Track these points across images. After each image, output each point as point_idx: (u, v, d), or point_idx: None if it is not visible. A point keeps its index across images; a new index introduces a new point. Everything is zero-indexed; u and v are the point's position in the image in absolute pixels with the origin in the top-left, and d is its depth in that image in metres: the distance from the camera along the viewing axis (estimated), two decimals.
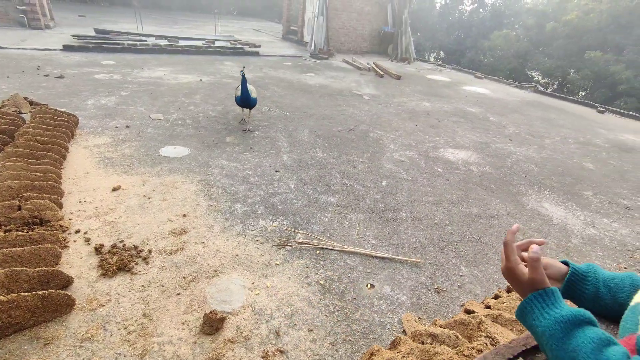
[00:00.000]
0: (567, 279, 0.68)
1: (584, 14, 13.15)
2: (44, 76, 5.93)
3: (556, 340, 0.53)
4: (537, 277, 0.59)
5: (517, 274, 0.61)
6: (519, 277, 0.61)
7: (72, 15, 14.14)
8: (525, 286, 0.60)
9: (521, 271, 0.61)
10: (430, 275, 2.43)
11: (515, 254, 0.64)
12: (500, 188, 3.86)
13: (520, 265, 0.62)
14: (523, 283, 0.61)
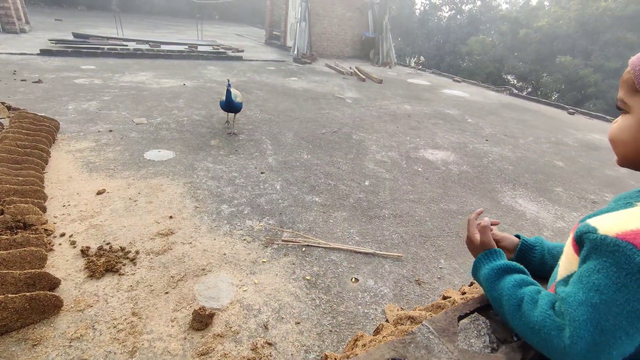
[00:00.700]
0: (518, 248, 0.80)
1: (554, 21, 13.81)
2: (21, 81, 5.80)
3: (491, 282, 0.66)
4: (485, 239, 0.74)
5: (474, 241, 0.77)
6: (475, 243, 0.76)
7: (48, 19, 13.81)
8: (479, 249, 0.75)
9: (476, 238, 0.77)
10: (411, 269, 2.54)
11: (474, 227, 0.80)
12: (477, 186, 4.05)
13: (476, 234, 0.78)
14: (477, 247, 0.76)
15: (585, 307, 0.52)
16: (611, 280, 0.51)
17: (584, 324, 0.51)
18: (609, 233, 0.52)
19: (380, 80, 9.53)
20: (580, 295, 0.53)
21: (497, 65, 16.21)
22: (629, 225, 0.52)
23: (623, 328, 0.50)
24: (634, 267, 0.49)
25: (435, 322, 0.62)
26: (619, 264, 0.50)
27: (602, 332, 0.50)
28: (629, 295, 0.49)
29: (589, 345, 0.51)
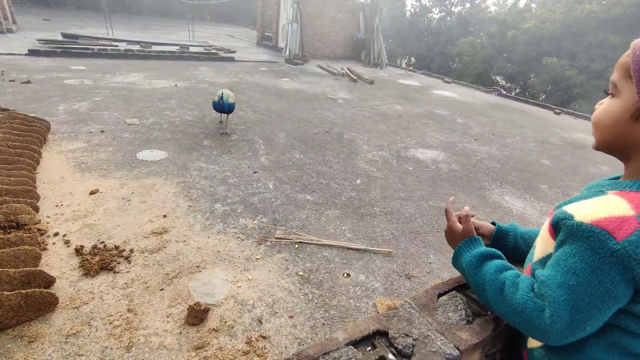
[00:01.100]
0: (493, 235, 0.87)
1: (540, 23, 14.10)
2: (9, 81, 5.74)
3: (473, 268, 0.70)
4: (467, 227, 0.77)
5: (454, 229, 0.80)
6: (455, 232, 0.79)
7: (35, 19, 13.62)
8: (459, 238, 0.78)
9: (457, 227, 0.80)
10: (401, 264, 2.61)
11: (454, 215, 0.83)
12: (466, 184, 4.14)
13: (457, 223, 0.81)
14: (458, 236, 0.78)
15: (563, 288, 0.56)
16: (586, 263, 0.55)
17: (562, 304, 0.56)
18: (585, 220, 0.56)
19: (371, 81, 9.63)
20: (558, 277, 0.57)
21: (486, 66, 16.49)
22: (602, 213, 0.55)
23: (597, 306, 0.55)
24: (607, 252, 0.53)
25: (417, 299, 0.68)
26: (593, 249, 0.54)
27: (578, 311, 0.55)
28: (602, 277, 0.54)
29: (568, 323, 0.56)
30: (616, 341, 0.59)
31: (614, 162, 5.66)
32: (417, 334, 0.59)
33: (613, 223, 0.54)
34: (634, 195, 0.56)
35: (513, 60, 15.31)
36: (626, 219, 0.53)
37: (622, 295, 0.54)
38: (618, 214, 0.54)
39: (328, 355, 0.53)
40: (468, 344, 0.59)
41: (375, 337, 0.59)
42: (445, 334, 0.60)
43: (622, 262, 0.52)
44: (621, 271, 0.53)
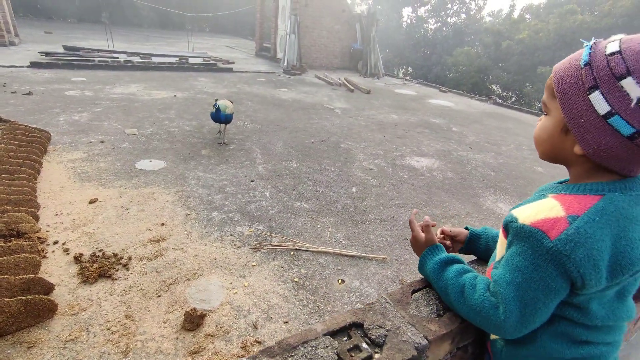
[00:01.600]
0: (467, 239, 0.93)
1: (534, 33, 14.37)
2: (11, 93, 5.84)
3: (436, 274, 0.76)
4: (429, 236, 0.84)
5: (418, 239, 0.86)
6: (419, 241, 0.85)
7: (37, 32, 13.83)
8: (423, 246, 0.85)
9: (421, 236, 0.86)
10: (395, 270, 2.66)
11: (417, 226, 0.89)
12: (460, 191, 4.21)
13: (420, 233, 0.87)
14: (422, 245, 0.85)
15: (511, 286, 0.62)
16: (528, 261, 0.61)
17: (512, 300, 0.62)
18: (526, 222, 0.62)
19: (368, 91, 9.77)
20: (507, 276, 0.63)
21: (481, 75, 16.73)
22: (540, 215, 0.61)
23: (541, 300, 0.60)
24: (543, 250, 0.58)
25: (392, 295, 0.73)
26: (533, 248, 0.60)
27: (526, 305, 0.61)
28: (542, 273, 0.59)
29: (519, 317, 0.61)
30: (563, 330, 0.65)
31: None
32: (390, 325, 0.65)
33: (547, 224, 0.59)
34: (567, 198, 0.62)
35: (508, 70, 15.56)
36: (558, 220, 0.59)
37: (561, 288, 0.60)
38: (552, 216, 0.60)
39: (307, 344, 0.59)
40: (436, 335, 0.64)
41: (352, 328, 0.64)
42: (416, 325, 0.66)
43: (555, 258, 0.57)
44: (556, 267, 0.58)
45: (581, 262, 0.56)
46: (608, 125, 0.55)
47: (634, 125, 0.53)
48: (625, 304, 0.66)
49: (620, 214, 0.57)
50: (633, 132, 0.53)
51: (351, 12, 13.67)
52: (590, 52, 0.58)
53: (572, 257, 0.56)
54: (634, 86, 0.52)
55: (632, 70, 0.52)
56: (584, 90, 0.57)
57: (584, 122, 0.58)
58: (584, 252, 0.56)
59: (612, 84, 0.54)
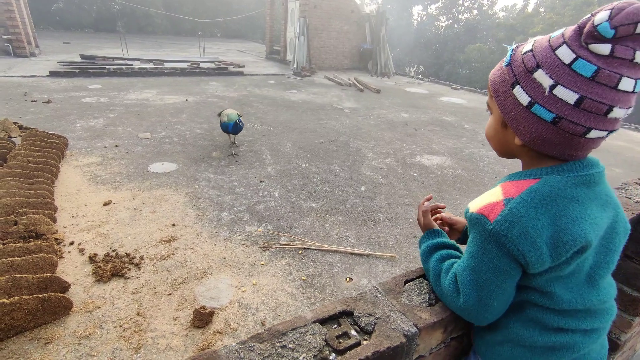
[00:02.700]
0: (464, 229, 0.92)
1: (548, 27, 14.02)
2: (31, 102, 6.07)
3: (424, 257, 0.80)
4: (426, 221, 0.88)
5: (421, 222, 0.90)
6: (421, 224, 0.89)
7: (56, 43, 14.34)
8: (423, 229, 0.89)
9: (420, 220, 0.90)
10: (404, 268, 2.64)
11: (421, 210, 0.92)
12: (472, 188, 4.14)
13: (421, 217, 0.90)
14: (422, 228, 0.89)
15: (467, 271, 0.65)
16: (478, 246, 0.64)
17: (468, 284, 0.65)
18: (473, 210, 0.66)
19: (378, 90, 9.73)
20: (464, 262, 0.67)
21: None
22: (484, 202, 0.65)
23: (493, 282, 0.63)
24: (486, 233, 0.62)
25: (384, 285, 0.73)
26: (480, 233, 0.64)
27: (481, 288, 0.64)
28: (489, 255, 0.62)
29: (476, 300, 0.64)
30: (533, 316, 0.66)
31: (626, 164, 5.55)
32: (380, 314, 0.65)
33: (488, 208, 0.63)
34: (508, 184, 0.66)
35: None
36: (497, 204, 0.63)
37: (510, 268, 0.62)
38: (492, 201, 0.64)
39: (296, 330, 0.59)
40: (426, 323, 0.64)
41: (342, 316, 0.64)
42: (406, 314, 0.66)
43: (496, 240, 0.61)
44: (499, 248, 0.61)
45: (518, 240, 0.59)
46: (532, 114, 0.60)
47: (552, 111, 0.58)
48: (595, 288, 0.66)
49: (557, 194, 0.60)
50: (554, 117, 0.58)
51: (360, 12, 13.64)
52: (511, 54, 0.65)
53: (509, 237, 0.59)
54: (544, 77, 0.58)
55: (540, 64, 0.59)
56: (508, 86, 0.64)
57: (515, 114, 0.63)
58: (519, 231, 0.58)
59: (528, 77, 0.60)
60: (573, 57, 0.56)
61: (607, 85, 0.54)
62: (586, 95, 0.55)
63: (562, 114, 0.57)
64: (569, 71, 0.56)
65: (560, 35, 0.59)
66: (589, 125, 0.57)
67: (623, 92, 0.55)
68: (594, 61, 0.54)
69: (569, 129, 0.57)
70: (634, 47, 0.53)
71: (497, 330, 0.70)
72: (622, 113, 0.56)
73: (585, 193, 0.61)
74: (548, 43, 0.60)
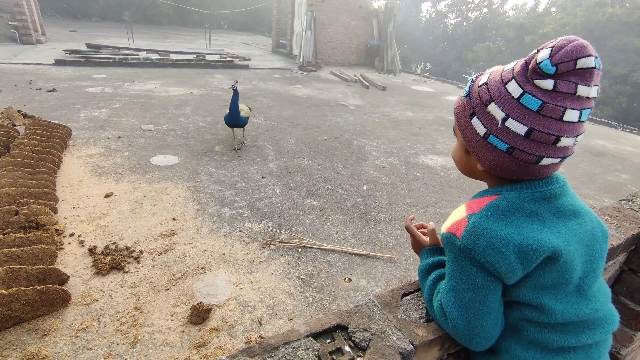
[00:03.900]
0: None
1: (559, 27, 13.82)
2: (36, 90, 6.07)
3: (422, 275, 0.78)
4: (434, 241, 0.86)
5: (421, 242, 0.87)
6: (421, 244, 0.87)
7: (63, 31, 14.32)
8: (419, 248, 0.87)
9: (424, 240, 0.88)
10: (403, 269, 2.62)
11: (417, 231, 0.90)
12: (475, 190, 4.08)
13: (422, 237, 0.89)
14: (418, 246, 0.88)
15: (450, 293, 0.65)
16: (454, 265, 0.64)
17: (453, 307, 0.64)
18: (443, 230, 0.67)
19: (384, 88, 9.65)
20: (446, 285, 0.67)
21: None
22: (451, 221, 0.67)
23: (476, 299, 0.62)
24: (457, 250, 0.62)
25: (381, 298, 0.71)
26: (452, 251, 0.64)
27: (466, 308, 0.63)
28: (466, 272, 0.62)
29: (465, 323, 0.63)
30: (532, 338, 0.64)
31: (633, 170, 5.48)
32: (375, 329, 0.63)
33: (455, 226, 0.64)
34: (471, 202, 0.67)
35: None
36: (461, 221, 0.64)
37: (488, 282, 0.61)
38: (457, 219, 0.65)
39: (288, 345, 0.58)
40: (423, 340, 0.63)
41: (336, 330, 0.63)
42: (403, 330, 0.64)
43: (467, 255, 0.61)
44: (472, 262, 0.61)
45: (485, 252, 0.59)
46: (489, 143, 0.62)
47: (506, 142, 0.60)
48: (585, 298, 0.65)
49: (516, 208, 0.61)
50: (508, 147, 0.60)
51: (368, 7, 13.49)
52: (470, 85, 0.67)
53: (477, 249, 0.60)
54: (497, 109, 0.60)
55: (493, 97, 0.61)
56: (467, 116, 0.66)
57: (474, 143, 0.65)
58: (484, 242, 0.59)
59: (483, 110, 0.62)
60: (520, 92, 0.58)
61: (552, 118, 0.56)
62: (534, 127, 0.57)
63: (515, 144, 0.59)
64: (517, 105, 0.58)
65: (511, 70, 0.61)
66: (540, 154, 0.59)
67: (569, 122, 0.57)
68: (539, 95, 0.57)
69: (522, 157, 0.60)
70: (576, 81, 0.55)
71: (498, 354, 0.68)
72: (571, 142, 0.58)
73: (545, 207, 0.62)
74: (500, 77, 0.62)
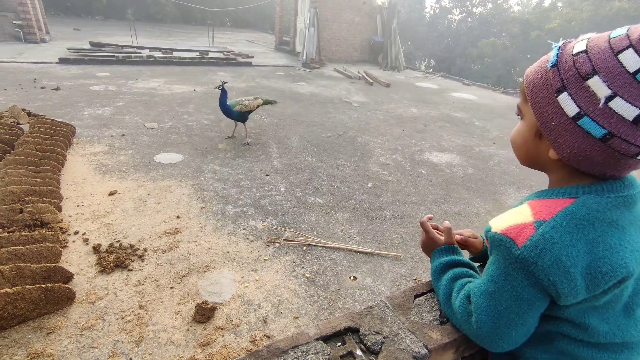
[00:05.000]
0: (482, 251, 0.87)
1: (566, 22, 13.64)
2: (40, 88, 6.08)
3: (436, 274, 0.74)
4: (450, 240, 0.80)
5: (435, 241, 0.82)
6: (436, 243, 0.81)
7: (67, 29, 14.35)
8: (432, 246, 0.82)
9: (438, 238, 0.82)
10: (409, 268, 2.59)
11: (431, 228, 0.85)
12: (481, 188, 4.06)
13: (436, 235, 0.83)
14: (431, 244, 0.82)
15: (484, 295, 0.60)
16: (500, 270, 0.58)
17: (484, 310, 0.59)
18: (497, 230, 0.60)
19: (388, 84, 9.58)
20: (482, 286, 0.61)
21: (508, 67, 16.08)
22: (509, 222, 0.58)
23: (514, 311, 0.57)
24: (512, 258, 0.56)
25: (393, 299, 0.69)
26: (504, 257, 0.58)
27: (499, 316, 0.58)
28: (513, 282, 0.56)
29: (491, 328, 0.59)
30: (564, 350, 0.60)
31: None
32: (387, 332, 0.61)
33: (515, 230, 0.56)
34: (538, 203, 0.58)
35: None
36: (525, 226, 0.56)
37: (535, 299, 0.56)
38: (520, 222, 0.57)
39: (297, 348, 0.56)
40: (437, 344, 0.60)
41: (347, 333, 0.60)
42: (416, 333, 0.61)
43: (524, 267, 0.54)
44: (526, 275, 0.55)
45: (550, 270, 0.52)
46: (578, 127, 0.52)
47: (604, 126, 0.50)
48: (633, 318, 0.60)
49: (595, 217, 0.53)
50: (604, 134, 0.50)
51: (372, 4, 13.39)
52: (557, 54, 0.56)
53: (539, 265, 0.53)
54: (601, 85, 0.49)
55: (597, 69, 0.49)
56: (552, 92, 0.55)
57: (555, 125, 0.55)
58: (551, 259, 0.52)
59: (579, 84, 0.51)
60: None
61: None
62: None
63: (616, 130, 0.49)
64: (632, 81, 0.47)
65: (625, 35, 0.49)
66: None
67: None
68: None
69: (621, 148, 0.50)
70: None
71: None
72: None
73: (626, 216, 0.55)
74: (608, 44, 0.50)
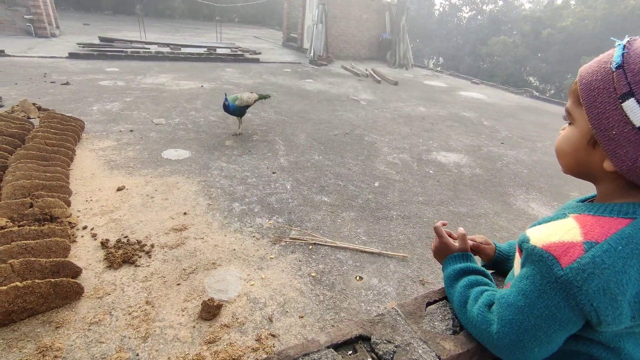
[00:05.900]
0: (493, 259, 0.85)
1: (579, 20, 13.39)
2: (50, 83, 6.14)
3: (450, 281, 0.71)
4: (464, 246, 0.77)
5: (449, 247, 0.78)
6: (450, 249, 0.78)
7: (77, 24, 14.46)
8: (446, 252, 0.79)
9: (452, 244, 0.79)
10: (416, 269, 2.58)
11: (445, 233, 0.82)
12: (489, 189, 4.01)
13: (450, 240, 0.79)
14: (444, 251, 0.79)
15: (512, 308, 0.57)
16: (535, 286, 0.55)
17: (508, 323, 0.57)
18: (537, 244, 0.56)
19: (395, 82, 9.51)
20: (511, 297, 0.58)
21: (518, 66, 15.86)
22: (554, 237, 0.54)
23: (542, 329, 0.54)
24: (552, 277, 0.53)
25: (404, 306, 0.68)
26: (542, 273, 0.54)
27: (525, 331, 0.55)
28: (548, 301, 0.53)
29: (514, 341, 0.56)
30: None
31: None
32: (399, 341, 0.59)
33: (560, 248, 0.53)
34: (589, 220, 0.54)
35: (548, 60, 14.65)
36: (573, 245, 0.52)
37: (569, 321, 0.53)
38: (567, 239, 0.53)
39: (308, 356, 0.55)
40: (451, 354, 0.59)
41: (358, 341, 0.59)
42: (429, 342, 0.60)
43: (565, 288, 0.51)
44: (565, 297, 0.52)
45: (595, 295, 0.49)
46: None
47: None
48: None
49: None
50: None
51: (381, 0, 13.28)
52: (623, 53, 0.49)
53: (584, 289, 0.49)
54: None
55: None
56: (615, 97, 0.49)
57: (616, 134, 0.50)
58: (599, 285, 0.49)
59: None
60: None
61: None
62: None
63: None
64: None
65: None
66: None
67: None
68: None
69: None
70: None
71: None
72: None
73: None
74: None
